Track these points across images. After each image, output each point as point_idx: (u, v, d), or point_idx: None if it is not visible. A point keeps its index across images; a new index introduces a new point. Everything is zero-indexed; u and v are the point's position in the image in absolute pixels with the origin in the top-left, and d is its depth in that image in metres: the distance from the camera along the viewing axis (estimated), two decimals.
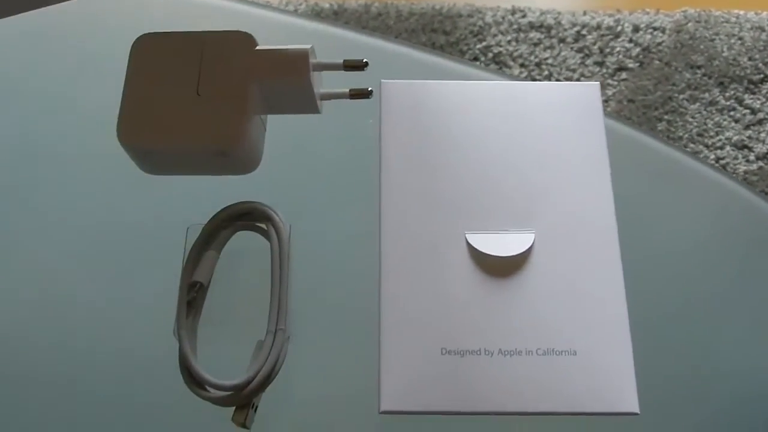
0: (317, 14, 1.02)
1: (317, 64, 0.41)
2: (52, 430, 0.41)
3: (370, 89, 0.42)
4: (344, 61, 0.41)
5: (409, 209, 0.40)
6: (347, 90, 0.43)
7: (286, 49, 0.40)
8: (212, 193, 0.42)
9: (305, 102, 0.41)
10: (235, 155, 0.39)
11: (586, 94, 0.44)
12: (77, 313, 0.43)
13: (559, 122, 0.43)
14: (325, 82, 0.42)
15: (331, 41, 0.55)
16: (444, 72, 0.55)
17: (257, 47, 0.40)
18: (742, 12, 1.04)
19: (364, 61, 0.41)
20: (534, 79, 0.98)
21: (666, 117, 0.96)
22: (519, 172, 0.41)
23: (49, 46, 0.54)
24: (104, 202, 0.47)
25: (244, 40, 0.40)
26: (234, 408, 0.37)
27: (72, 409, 0.41)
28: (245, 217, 0.41)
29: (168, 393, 0.39)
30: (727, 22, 1.03)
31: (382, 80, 0.44)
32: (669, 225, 0.47)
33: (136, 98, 0.40)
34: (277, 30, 0.55)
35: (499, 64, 0.99)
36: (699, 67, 0.99)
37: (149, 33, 0.41)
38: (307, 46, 0.40)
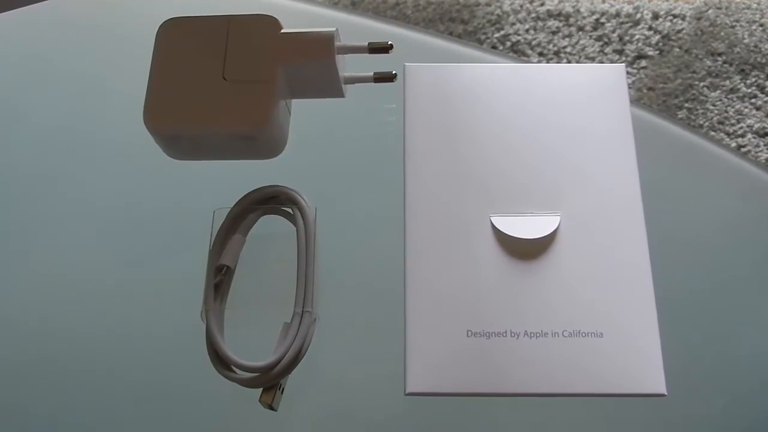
0: (334, 4, 1.02)
1: (342, 47, 0.41)
2: (79, 412, 0.42)
3: (394, 72, 0.43)
4: (369, 43, 0.41)
5: (434, 192, 0.40)
6: (371, 74, 0.43)
7: (312, 32, 0.40)
8: (238, 177, 0.42)
9: (330, 85, 0.41)
10: (261, 139, 0.40)
11: (611, 75, 0.44)
12: (104, 296, 0.44)
13: (584, 104, 0.43)
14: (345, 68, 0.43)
15: (350, 29, 0.55)
16: (463, 60, 0.55)
17: (282, 30, 0.40)
18: None
19: (389, 43, 0.41)
20: None
21: (686, 105, 0.95)
22: (544, 154, 0.41)
23: (75, 32, 0.54)
24: (131, 186, 0.47)
25: (270, 23, 0.40)
26: (261, 389, 0.37)
27: (99, 391, 0.42)
28: (271, 200, 0.41)
29: (195, 375, 0.39)
30: (748, 8, 1.02)
31: (406, 63, 0.43)
32: (691, 212, 0.47)
33: (162, 83, 0.40)
34: (295, 19, 0.55)
35: (517, 53, 0.99)
36: (720, 55, 0.98)
37: (175, 18, 0.41)
38: (332, 29, 0.40)
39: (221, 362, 0.37)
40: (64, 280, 0.44)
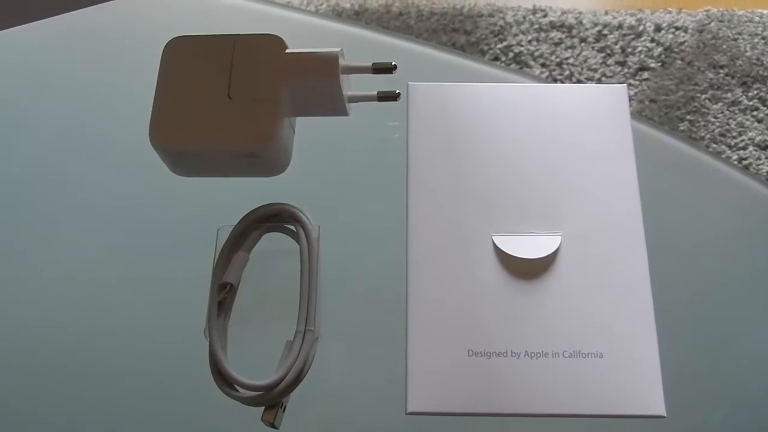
0: (338, 14, 1.03)
1: (346, 67, 0.41)
2: (80, 425, 0.42)
3: (398, 92, 0.43)
4: (373, 64, 0.42)
5: (436, 211, 0.40)
6: (375, 92, 0.43)
7: (316, 52, 0.40)
8: (242, 194, 0.43)
9: (334, 104, 0.41)
10: (265, 157, 0.40)
11: (614, 95, 0.44)
12: (108, 312, 0.44)
13: (586, 124, 0.43)
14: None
15: (352, 41, 0.55)
16: (465, 72, 0.55)
17: (287, 50, 0.41)
18: (765, 11, 1.03)
19: (393, 64, 0.42)
20: (555, 79, 0.98)
21: (688, 117, 0.95)
22: (546, 174, 0.41)
23: (82, 49, 0.55)
24: (136, 203, 0.47)
25: (275, 43, 0.41)
26: (263, 408, 0.37)
27: (102, 407, 0.42)
28: (274, 218, 0.42)
29: (198, 392, 0.39)
30: (750, 21, 1.02)
31: (409, 83, 0.44)
32: (692, 225, 0.47)
33: (167, 101, 0.40)
34: (298, 30, 0.56)
35: (520, 64, 0.99)
36: (722, 67, 0.99)
37: (181, 36, 0.42)
38: (337, 50, 0.40)
39: (224, 380, 0.37)
40: (68, 294, 0.45)
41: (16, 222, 0.47)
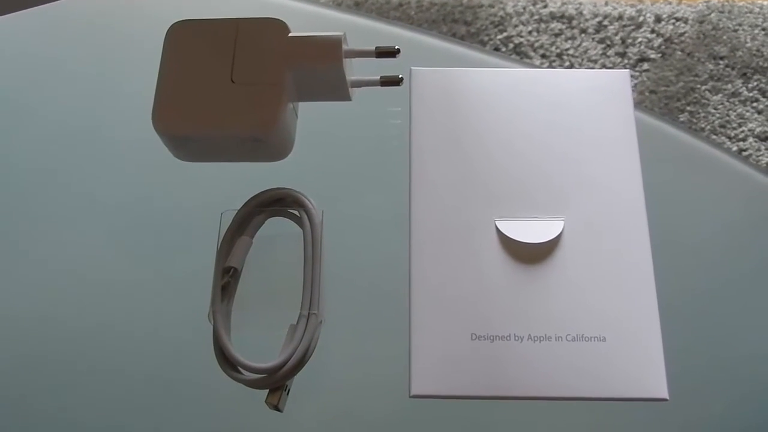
0: (338, 4, 1.02)
1: (349, 51, 0.41)
2: (85, 411, 0.42)
3: (400, 76, 0.43)
4: (376, 48, 0.42)
5: (439, 196, 0.40)
6: (378, 77, 0.43)
7: (320, 36, 0.40)
8: (245, 179, 0.42)
9: (337, 89, 0.41)
10: (268, 142, 0.40)
11: (616, 81, 0.44)
12: (112, 297, 0.44)
13: (588, 109, 0.43)
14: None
15: (352, 30, 0.55)
16: (466, 61, 0.55)
17: (290, 34, 0.41)
18: (765, 2, 1.03)
19: (396, 48, 0.42)
20: None
21: (688, 108, 0.95)
22: (549, 159, 0.42)
23: (84, 33, 0.54)
24: (139, 187, 0.47)
25: (278, 27, 0.41)
26: (267, 391, 0.37)
27: (105, 391, 0.42)
28: (278, 203, 0.42)
29: (202, 376, 0.40)
30: (750, 12, 1.02)
31: (412, 67, 0.44)
32: (692, 214, 0.47)
33: (170, 85, 0.40)
34: (298, 19, 0.55)
35: (520, 55, 0.99)
36: (722, 58, 0.99)
37: (183, 20, 0.42)
38: (340, 33, 0.40)
39: (228, 363, 0.37)
40: (72, 280, 0.45)
41: (19, 216, 0.47)
